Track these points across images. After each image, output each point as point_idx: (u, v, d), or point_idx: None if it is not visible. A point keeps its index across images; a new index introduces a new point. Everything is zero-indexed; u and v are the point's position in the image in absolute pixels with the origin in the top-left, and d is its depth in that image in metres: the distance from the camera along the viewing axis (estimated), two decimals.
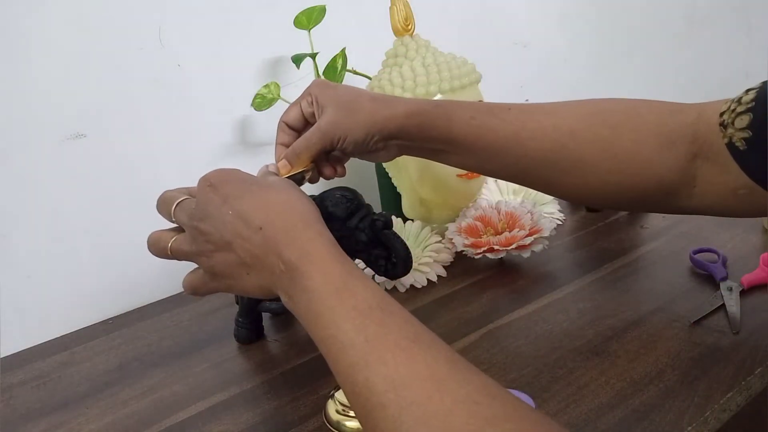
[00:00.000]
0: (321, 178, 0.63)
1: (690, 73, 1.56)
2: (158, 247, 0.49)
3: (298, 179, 0.57)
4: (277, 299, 0.64)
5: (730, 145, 0.49)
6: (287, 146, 0.59)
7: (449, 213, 0.83)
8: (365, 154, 0.61)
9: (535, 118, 0.57)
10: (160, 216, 0.52)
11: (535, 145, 0.56)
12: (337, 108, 0.56)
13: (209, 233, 0.45)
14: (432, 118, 0.57)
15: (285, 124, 0.60)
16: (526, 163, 0.57)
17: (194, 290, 0.49)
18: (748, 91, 0.49)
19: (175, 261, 0.88)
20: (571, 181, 0.57)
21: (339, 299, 0.40)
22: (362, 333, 0.38)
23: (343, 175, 0.62)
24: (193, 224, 0.46)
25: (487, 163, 0.60)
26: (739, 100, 0.49)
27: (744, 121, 0.48)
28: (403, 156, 0.78)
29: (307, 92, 0.59)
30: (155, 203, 0.51)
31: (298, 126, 0.60)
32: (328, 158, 0.60)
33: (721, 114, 0.50)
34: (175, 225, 0.50)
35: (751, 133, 0.47)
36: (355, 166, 1.03)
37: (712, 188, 0.53)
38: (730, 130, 0.49)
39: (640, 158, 0.54)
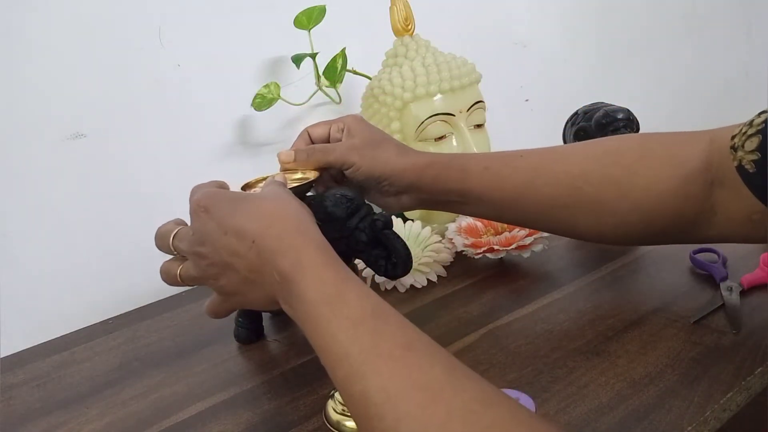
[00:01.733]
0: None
1: (690, 73, 1.56)
2: (169, 277, 0.51)
3: (305, 188, 0.57)
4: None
5: (740, 168, 0.48)
6: None
7: (449, 213, 0.83)
8: (375, 194, 0.62)
9: (547, 164, 0.58)
10: (160, 218, 0.52)
11: (549, 191, 0.57)
12: (363, 139, 0.59)
13: (210, 256, 0.46)
14: (447, 170, 0.59)
15: (308, 134, 0.62)
16: (542, 209, 0.58)
17: (215, 313, 0.50)
18: (760, 113, 0.48)
19: None
20: (588, 222, 0.57)
21: (332, 309, 0.40)
22: (356, 343, 0.38)
23: None
24: (193, 250, 0.47)
25: (503, 212, 0.60)
26: (750, 123, 0.48)
27: (754, 143, 0.47)
28: None
29: (342, 120, 0.61)
30: (153, 237, 0.52)
31: (319, 142, 0.62)
32: (334, 177, 0.62)
33: (733, 137, 0.50)
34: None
35: (759, 155, 0.46)
36: None
37: (730, 215, 0.52)
38: (740, 153, 0.48)
39: (656, 194, 0.54)
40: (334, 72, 0.85)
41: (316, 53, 0.86)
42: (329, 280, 0.41)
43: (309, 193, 0.63)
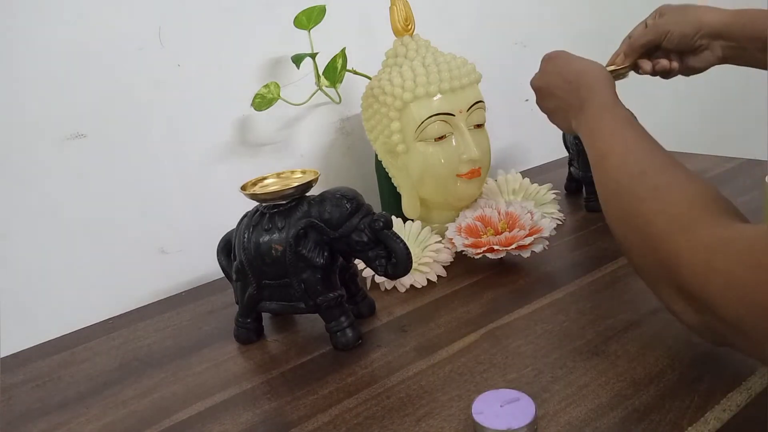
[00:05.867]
0: (324, 180, 0.63)
1: None
2: None
3: (619, 75, 0.75)
4: (279, 299, 0.65)
5: None
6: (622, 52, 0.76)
7: (449, 213, 0.83)
8: (689, 54, 0.73)
9: None
10: (159, 218, 0.52)
11: None
12: (671, 10, 0.73)
13: (545, 86, 0.68)
14: (755, 17, 0.67)
15: (628, 37, 0.77)
16: None
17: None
18: None
19: (173, 264, 0.88)
20: None
21: (611, 114, 0.57)
22: (626, 133, 0.55)
23: (662, 70, 0.75)
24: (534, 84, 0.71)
25: None
26: None
27: None
28: (403, 156, 0.79)
29: (656, 9, 0.75)
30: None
31: (637, 36, 0.75)
32: (650, 56, 0.75)
33: None
34: None
35: None
36: (355, 166, 1.03)
37: None
38: None
39: None
40: (334, 72, 0.85)
41: (316, 53, 0.86)
42: (610, 99, 0.59)
43: (308, 193, 0.64)
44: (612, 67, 0.75)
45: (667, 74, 0.76)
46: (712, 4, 0.72)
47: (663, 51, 0.75)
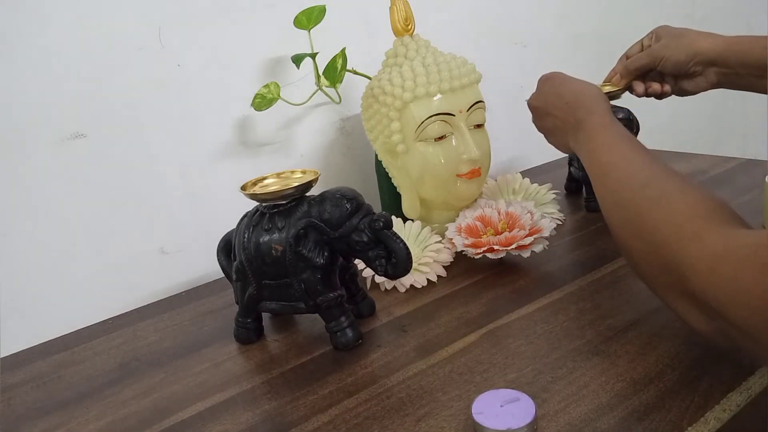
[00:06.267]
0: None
1: None
2: None
3: (612, 96, 0.78)
4: (279, 299, 0.65)
5: None
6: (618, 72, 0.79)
7: (449, 213, 0.83)
8: (684, 79, 0.75)
9: None
10: (160, 217, 0.52)
11: None
12: (667, 35, 0.75)
13: (539, 107, 0.72)
14: (749, 46, 0.68)
15: (625, 57, 0.79)
16: None
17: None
18: None
19: (173, 264, 0.89)
20: None
21: (606, 129, 0.60)
22: (621, 148, 0.57)
23: (654, 93, 0.78)
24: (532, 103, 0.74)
25: None
26: None
27: None
28: (403, 156, 0.79)
29: (652, 31, 0.77)
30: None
31: (633, 59, 0.77)
32: (645, 78, 0.78)
33: None
34: None
35: None
36: (355, 166, 1.03)
37: None
38: None
39: None
40: (334, 72, 0.85)
41: (316, 53, 0.86)
42: (607, 118, 0.61)
43: (308, 193, 0.64)
44: (607, 88, 0.79)
45: (659, 97, 0.78)
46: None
47: (658, 74, 0.77)
